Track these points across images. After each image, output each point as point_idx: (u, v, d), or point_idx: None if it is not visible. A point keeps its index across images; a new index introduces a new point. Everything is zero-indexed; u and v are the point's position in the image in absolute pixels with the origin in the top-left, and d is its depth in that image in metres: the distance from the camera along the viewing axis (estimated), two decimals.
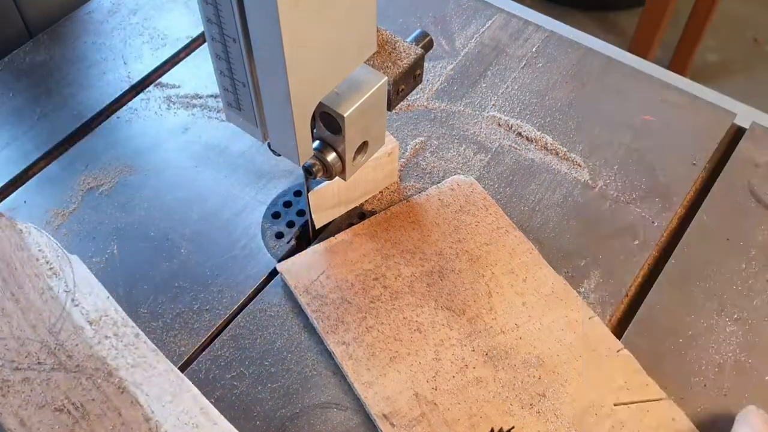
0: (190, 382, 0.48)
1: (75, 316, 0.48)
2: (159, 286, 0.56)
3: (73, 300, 0.49)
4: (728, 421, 0.50)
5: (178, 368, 0.52)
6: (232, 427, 0.46)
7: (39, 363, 0.45)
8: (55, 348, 0.46)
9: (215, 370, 0.52)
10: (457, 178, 0.59)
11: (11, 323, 0.47)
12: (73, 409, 0.44)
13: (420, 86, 0.67)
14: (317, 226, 0.59)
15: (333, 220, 0.59)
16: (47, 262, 0.51)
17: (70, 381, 0.45)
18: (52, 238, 0.52)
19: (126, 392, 0.45)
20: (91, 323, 0.48)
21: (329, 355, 0.52)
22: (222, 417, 0.47)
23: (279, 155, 0.60)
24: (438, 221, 0.57)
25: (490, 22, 0.74)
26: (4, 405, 0.44)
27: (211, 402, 0.50)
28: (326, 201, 0.57)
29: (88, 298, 0.49)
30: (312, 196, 0.55)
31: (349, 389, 0.51)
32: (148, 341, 0.48)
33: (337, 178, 0.51)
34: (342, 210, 0.59)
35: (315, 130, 0.48)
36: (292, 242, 0.58)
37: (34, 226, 0.53)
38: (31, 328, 0.47)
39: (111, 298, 0.50)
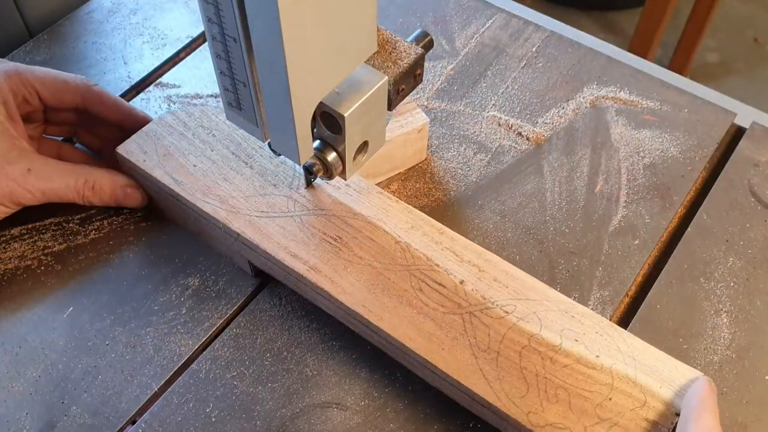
0: (417, 210, 0.53)
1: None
2: (159, 284, 0.56)
3: None
4: (728, 421, 0.50)
5: (178, 368, 0.52)
6: (460, 237, 0.51)
7: (289, 211, 0.52)
8: (299, 199, 0.53)
9: (215, 370, 0.52)
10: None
11: (254, 184, 0.54)
12: (332, 240, 0.51)
13: (420, 86, 0.67)
14: None
15: None
16: None
17: (322, 221, 0.52)
18: None
19: (372, 225, 0.52)
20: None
21: (330, 355, 0.52)
22: (450, 230, 0.52)
23: (279, 155, 0.60)
24: None
25: (490, 22, 0.74)
26: (272, 244, 0.51)
27: (211, 402, 0.50)
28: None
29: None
30: None
31: (350, 389, 0.51)
32: (374, 187, 0.54)
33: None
34: (369, 182, 0.60)
35: (315, 130, 0.48)
36: None
37: None
38: (272, 186, 0.54)
39: None
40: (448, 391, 0.48)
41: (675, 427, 0.43)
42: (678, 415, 0.44)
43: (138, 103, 0.67)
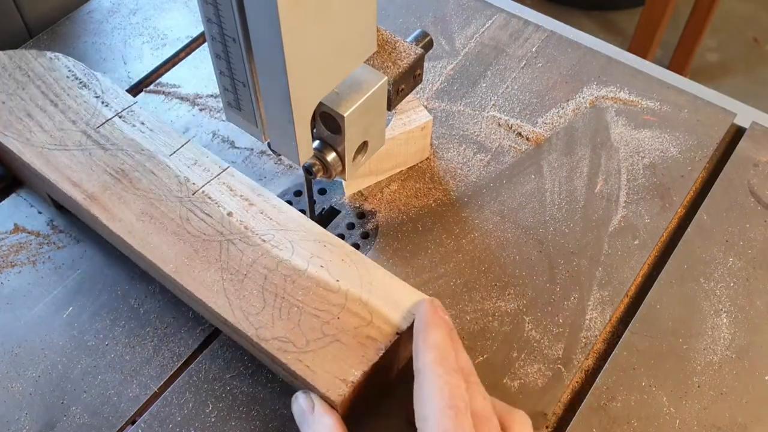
0: (204, 149, 0.57)
1: (106, 113, 0.59)
2: (159, 284, 0.56)
3: (103, 102, 0.59)
4: (728, 421, 0.50)
5: (178, 368, 0.52)
6: (241, 174, 0.56)
7: (81, 145, 0.56)
8: (93, 135, 0.57)
9: (215, 370, 0.52)
10: None
11: (54, 120, 0.58)
12: (114, 173, 0.55)
13: (420, 86, 0.67)
14: (347, 194, 0.60)
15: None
16: (76, 78, 0.61)
17: (110, 155, 0.56)
18: (78, 62, 0.62)
19: (157, 160, 0.56)
20: (121, 117, 0.58)
21: None
22: (234, 169, 0.56)
23: (279, 155, 0.60)
24: None
25: (490, 22, 0.74)
26: (57, 174, 0.55)
27: (211, 402, 0.50)
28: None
29: (115, 100, 0.60)
30: None
31: None
32: (168, 126, 0.58)
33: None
34: (372, 180, 0.61)
35: (315, 130, 0.48)
36: None
37: (62, 54, 0.63)
38: (71, 122, 0.58)
39: (135, 100, 0.60)
40: (203, 313, 0.52)
41: (393, 344, 0.47)
42: (399, 334, 0.47)
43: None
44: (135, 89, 0.68)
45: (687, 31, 1.70)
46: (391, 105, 0.49)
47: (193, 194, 0.54)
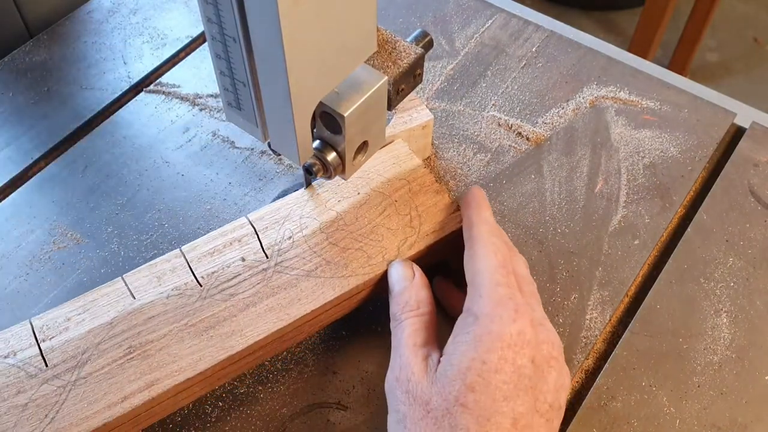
0: None
1: None
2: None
3: None
4: (728, 421, 0.50)
5: None
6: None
7: None
8: None
9: None
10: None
11: None
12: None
13: (420, 86, 0.67)
14: None
15: None
16: None
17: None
18: None
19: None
20: None
21: (330, 355, 0.52)
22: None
23: (279, 155, 0.60)
24: None
25: (490, 22, 0.74)
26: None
27: (211, 402, 0.50)
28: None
29: None
30: None
31: (350, 389, 0.51)
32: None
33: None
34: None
35: (315, 130, 0.48)
36: None
37: None
38: None
39: None
40: (327, 317, 0.51)
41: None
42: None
43: (138, 103, 0.67)
44: (135, 89, 0.68)
45: (687, 31, 1.70)
46: (391, 105, 0.49)
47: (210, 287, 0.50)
